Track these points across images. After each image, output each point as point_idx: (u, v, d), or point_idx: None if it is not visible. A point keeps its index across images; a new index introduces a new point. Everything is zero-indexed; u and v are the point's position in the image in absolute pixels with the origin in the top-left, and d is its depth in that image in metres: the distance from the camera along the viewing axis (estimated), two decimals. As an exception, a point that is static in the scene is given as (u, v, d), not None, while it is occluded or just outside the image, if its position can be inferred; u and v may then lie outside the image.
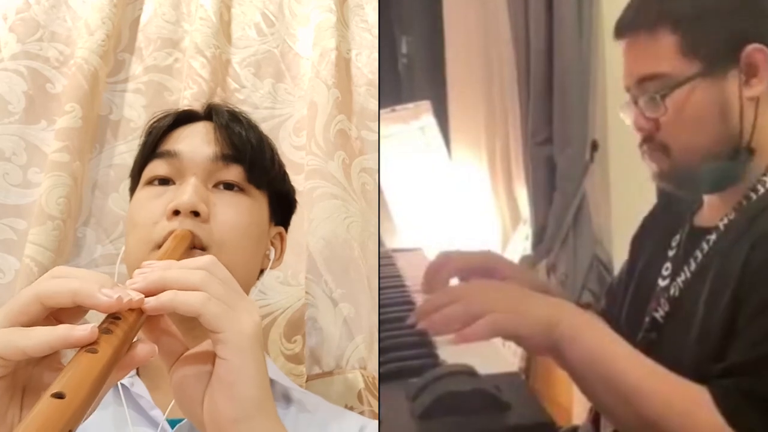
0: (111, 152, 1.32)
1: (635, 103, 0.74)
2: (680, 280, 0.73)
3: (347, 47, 1.50)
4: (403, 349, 0.81)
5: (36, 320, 0.54)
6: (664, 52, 0.71)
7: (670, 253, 0.77)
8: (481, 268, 0.78)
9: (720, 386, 0.60)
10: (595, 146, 0.95)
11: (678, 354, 0.67)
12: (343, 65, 1.46)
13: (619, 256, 0.88)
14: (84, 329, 0.51)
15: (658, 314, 0.74)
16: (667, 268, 0.76)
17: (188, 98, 1.31)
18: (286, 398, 0.94)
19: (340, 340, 1.27)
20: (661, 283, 0.76)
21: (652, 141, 0.74)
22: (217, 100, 1.29)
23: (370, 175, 1.42)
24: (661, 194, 0.80)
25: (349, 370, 1.25)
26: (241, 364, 0.57)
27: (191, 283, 0.58)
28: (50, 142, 1.25)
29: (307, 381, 1.24)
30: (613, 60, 0.82)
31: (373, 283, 1.28)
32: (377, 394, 1.20)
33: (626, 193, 0.93)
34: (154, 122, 0.97)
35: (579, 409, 0.81)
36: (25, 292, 0.54)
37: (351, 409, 1.21)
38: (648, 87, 0.72)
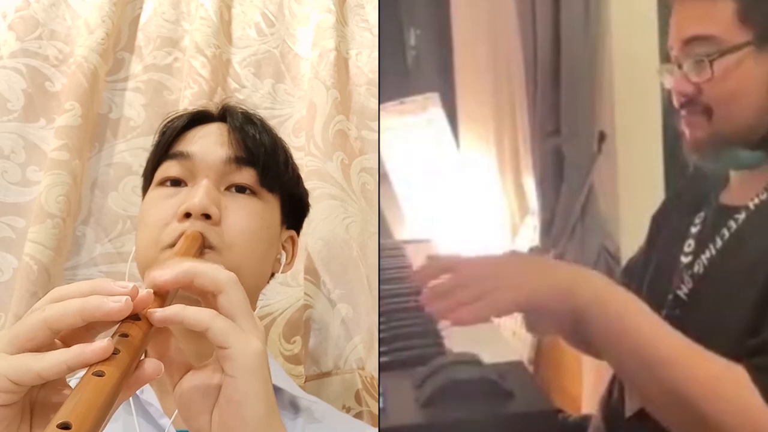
0: (110, 151, 1.32)
1: (679, 66, 0.74)
2: (705, 257, 0.73)
3: (347, 47, 1.50)
4: (410, 338, 0.81)
5: (44, 346, 0.53)
6: (720, 16, 0.70)
7: (693, 230, 0.76)
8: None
9: (757, 364, 0.58)
10: (602, 137, 0.95)
11: (705, 331, 0.65)
12: (343, 65, 1.47)
13: (627, 247, 0.88)
14: (99, 345, 0.51)
15: (682, 291, 0.73)
16: (689, 245, 0.76)
17: (188, 98, 1.32)
18: (294, 407, 0.93)
19: (339, 340, 1.27)
20: (684, 259, 0.75)
21: (693, 104, 0.73)
22: (217, 99, 1.29)
23: (371, 174, 1.42)
24: (683, 174, 0.79)
25: (348, 371, 1.25)
26: (249, 382, 0.57)
27: (218, 280, 0.59)
28: (49, 141, 1.25)
29: (305, 381, 1.23)
30: (621, 50, 0.82)
31: (373, 283, 1.28)
32: (376, 394, 1.20)
33: (634, 184, 0.93)
34: (168, 122, 0.96)
35: (588, 398, 0.81)
36: (31, 318, 0.54)
37: (348, 409, 1.21)
38: (695, 49, 0.72)
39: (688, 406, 0.58)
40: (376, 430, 0.93)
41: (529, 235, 1.01)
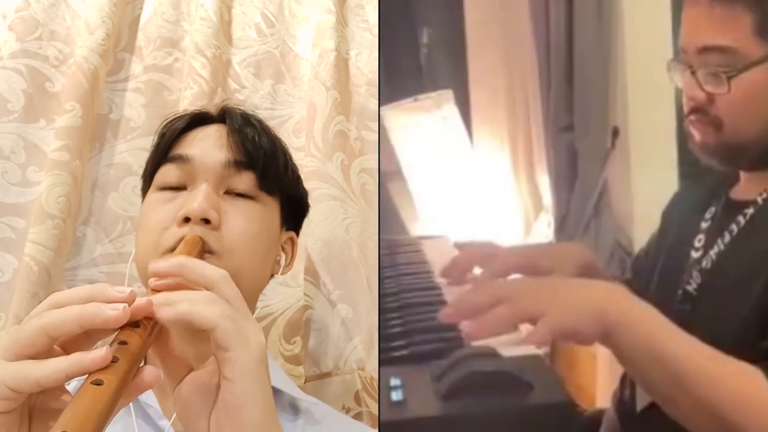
0: (111, 151, 1.32)
1: (692, 71, 0.74)
2: (713, 252, 0.73)
3: (347, 48, 1.50)
4: (428, 332, 0.82)
5: (42, 353, 0.53)
6: (737, 27, 0.70)
7: (704, 225, 0.77)
8: (517, 264, 0.77)
9: None
10: (616, 133, 0.96)
11: (714, 326, 0.66)
12: (343, 66, 1.47)
13: (641, 242, 0.89)
14: (97, 354, 0.51)
15: (691, 287, 0.74)
16: (699, 240, 0.76)
17: (189, 98, 1.31)
18: (294, 408, 0.93)
19: (339, 341, 1.27)
20: (694, 254, 0.76)
21: (703, 113, 0.74)
22: (218, 100, 1.29)
23: (371, 175, 1.42)
24: (694, 169, 0.80)
25: (347, 372, 1.25)
26: (247, 387, 0.57)
27: (207, 275, 0.59)
28: (49, 141, 1.24)
29: (305, 382, 1.23)
30: (634, 46, 0.83)
31: (373, 284, 1.29)
32: (376, 395, 1.20)
33: (647, 180, 0.93)
34: (168, 123, 0.96)
35: (602, 392, 0.82)
36: (29, 324, 0.53)
37: (348, 410, 1.21)
38: (711, 59, 0.72)
39: (719, 416, 0.58)
40: (376, 431, 0.93)
41: (543, 231, 1.02)
